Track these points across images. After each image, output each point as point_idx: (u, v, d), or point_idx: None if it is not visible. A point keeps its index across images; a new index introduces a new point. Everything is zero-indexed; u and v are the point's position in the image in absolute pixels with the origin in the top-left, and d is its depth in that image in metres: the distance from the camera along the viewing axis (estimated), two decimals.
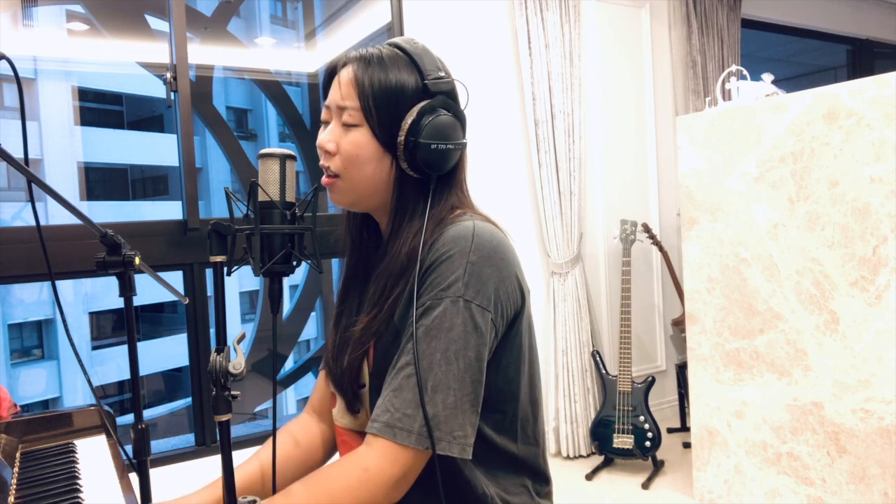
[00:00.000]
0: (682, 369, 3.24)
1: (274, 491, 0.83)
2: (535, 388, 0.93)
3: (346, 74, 0.86)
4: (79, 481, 1.05)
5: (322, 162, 0.89)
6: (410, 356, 0.79)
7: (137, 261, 1.00)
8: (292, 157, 0.75)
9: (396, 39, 0.90)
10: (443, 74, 0.87)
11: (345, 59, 0.88)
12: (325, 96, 0.90)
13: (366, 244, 0.98)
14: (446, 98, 0.86)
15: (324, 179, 0.89)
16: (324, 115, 0.90)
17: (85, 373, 1.07)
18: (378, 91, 0.84)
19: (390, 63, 0.85)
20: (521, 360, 0.89)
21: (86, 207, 9.98)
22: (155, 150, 11.40)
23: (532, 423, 0.92)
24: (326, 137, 0.87)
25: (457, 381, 0.79)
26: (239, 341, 0.71)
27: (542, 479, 0.95)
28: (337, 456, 1.00)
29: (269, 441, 1.00)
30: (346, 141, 0.86)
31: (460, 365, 0.79)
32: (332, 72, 0.89)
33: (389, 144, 0.85)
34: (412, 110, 0.84)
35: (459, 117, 0.87)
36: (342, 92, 0.86)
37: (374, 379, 0.87)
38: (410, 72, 0.85)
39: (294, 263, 0.75)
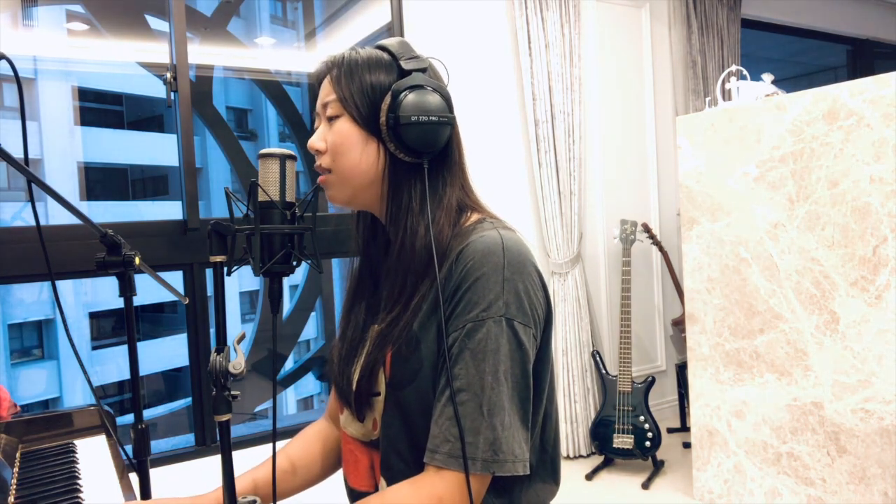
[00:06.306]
0: (682, 369, 3.24)
1: (274, 500, 0.83)
2: (541, 397, 0.90)
3: (325, 78, 0.89)
4: (79, 481, 1.06)
5: (316, 163, 0.90)
6: (459, 382, 0.78)
7: (137, 261, 1.00)
8: (292, 157, 0.75)
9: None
10: (416, 55, 0.87)
11: (322, 66, 0.90)
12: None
13: (372, 250, 0.97)
14: (423, 75, 0.86)
15: (319, 178, 0.90)
16: (315, 123, 0.92)
17: (85, 373, 1.07)
18: (354, 81, 0.85)
19: (363, 55, 0.87)
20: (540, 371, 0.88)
21: (86, 207, 9.98)
22: (155, 150, 11.40)
23: (541, 431, 0.91)
24: (314, 138, 0.89)
25: (509, 400, 0.79)
26: (239, 341, 0.71)
27: (551, 485, 0.94)
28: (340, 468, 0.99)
29: (265, 461, 0.99)
30: (330, 133, 0.87)
31: (510, 384, 0.79)
32: (316, 83, 0.92)
33: (372, 127, 0.85)
34: (390, 90, 0.84)
35: (441, 92, 0.85)
36: (322, 93, 0.88)
37: (391, 389, 0.85)
38: (384, 59, 0.87)
39: (294, 263, 0.75)
